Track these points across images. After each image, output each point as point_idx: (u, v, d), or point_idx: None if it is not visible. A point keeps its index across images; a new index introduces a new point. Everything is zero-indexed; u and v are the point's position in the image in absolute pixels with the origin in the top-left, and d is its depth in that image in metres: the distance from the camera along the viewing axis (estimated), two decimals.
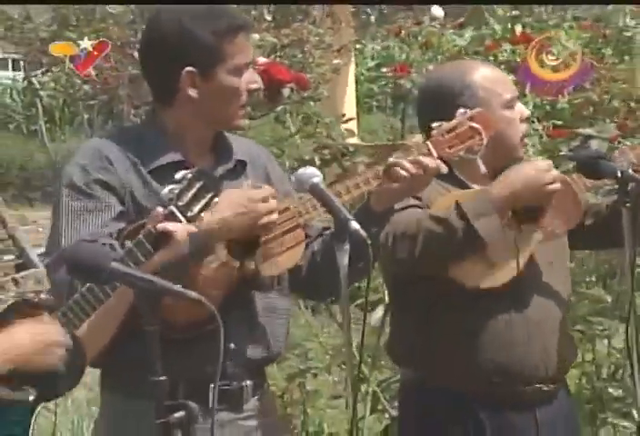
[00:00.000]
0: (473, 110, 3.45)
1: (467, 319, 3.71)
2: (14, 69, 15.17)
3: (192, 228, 3.04)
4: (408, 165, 3.31)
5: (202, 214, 3.05)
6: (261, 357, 3.46)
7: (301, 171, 3.35)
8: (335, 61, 8.10)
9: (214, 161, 3.43)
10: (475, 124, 3.39)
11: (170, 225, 2.99)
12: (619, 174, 3.51)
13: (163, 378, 2.71)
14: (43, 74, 11.06)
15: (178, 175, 3.04)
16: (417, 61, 6.77)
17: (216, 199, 3.09)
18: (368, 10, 10.96)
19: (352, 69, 9.97)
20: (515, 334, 3.76)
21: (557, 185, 3.56)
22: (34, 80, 12.77)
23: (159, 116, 3.49)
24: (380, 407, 5.21)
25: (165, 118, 3.46)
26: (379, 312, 4.80)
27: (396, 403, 4.46)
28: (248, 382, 3.37)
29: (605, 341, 5.73)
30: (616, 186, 3.61)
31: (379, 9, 10.76)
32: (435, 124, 3.43)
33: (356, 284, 3.87)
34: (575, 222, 3.77)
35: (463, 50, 6.92)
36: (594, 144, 5.13)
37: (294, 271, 3.44)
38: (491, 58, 6.46)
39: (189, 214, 3.02)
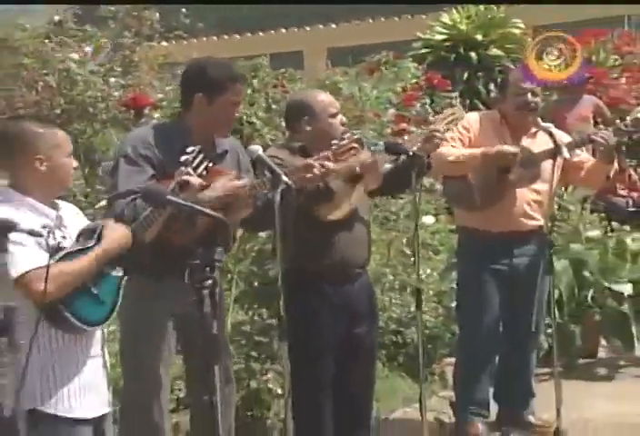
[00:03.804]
0: (355, 135, 3.51)
1: (324, 234, 3.68)
2: None
3: (201, 181, 3.04)
4: (318, 166, 3.33)
5: (204, 173, 3.06)
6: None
7: (249, 147, 3.37)
8: None
9: (212, 147, 3.35)
10: (355, 145, 3.44)
11: (190, 178, 3.02)
12: (410, 153, 3.55)
13: (197, 261, 2.74)
14: None
15: (189, 149, 3.07)
16: None
17: (211, 164, 3.11)
18: None
19: None
20: (348, 241, 3.74)
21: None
22: None
23: (183, 119, 3.42)
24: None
25: (186, 120, 3.38)
26: None
27: None
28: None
29: None
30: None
31: None
32: (334, 142, 3.44)
33: None
34: (379, 183, 3.75)
35: None
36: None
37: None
38: None
39: (197, 172, 3.05)
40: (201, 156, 3.05)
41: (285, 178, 3.10)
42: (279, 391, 4.13)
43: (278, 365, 4.27)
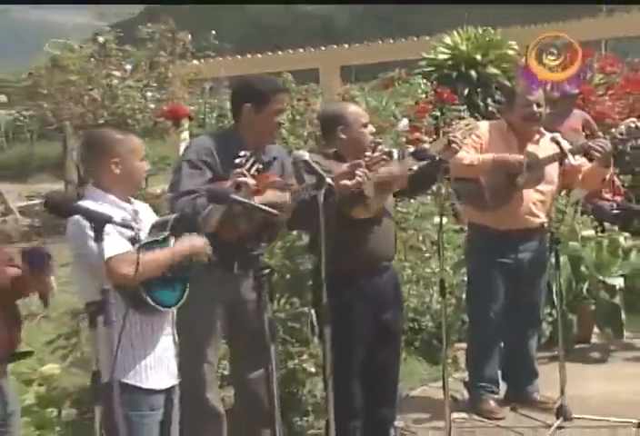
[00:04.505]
0: (382, 144, 3.55)
1: (356, 231, 3.66)
2: None
3: (254, 182, 3.09)
4: (363, 176, 3.37)
5: (255, 174, 3.11)
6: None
7: (295, 153, 3.42)
8: None
9: (262, 154, 3.38)
10: (385, 156, 3.46)
11: (245, 179, 3.07)
12: (437, 158, 3.58)
13: (255, 252, 2.81)
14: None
15: (241, 153, 3.12)
16: None
17: (261, 166, 3.16)
18: None
19: None
20: (378, 237, 3.74)
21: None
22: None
23: (235, 128, 3.45)
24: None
25: (238, 130, 3.42)
26: None
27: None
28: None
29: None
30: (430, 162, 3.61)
31: None
32: (367, 154, 3.48)
33: None
34: (403, 186, 3.75)
35: None
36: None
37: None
38: None
39: (250, 173, 3.10)
40: (252, 159, 3.10)
41: (328, 179, 3.12)
42: (312, 370, 4.19)
43: (311, 348, 4.32)
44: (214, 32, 9.67)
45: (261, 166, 3.14)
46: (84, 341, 4.02)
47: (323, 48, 13.57)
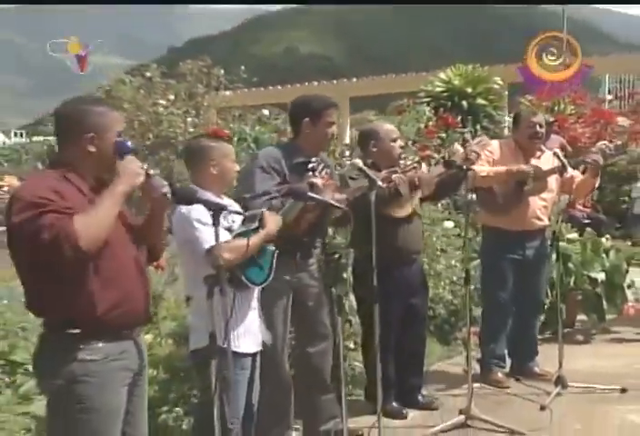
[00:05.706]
0: (415, 160, 3.61)
1: (393, 227, 3.70)
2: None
3: (323, 182, 3.12)
4: (398, 179, 3.48)
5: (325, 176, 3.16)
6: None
7: (353, 161, 3.45)
8: None
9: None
10: (416, 165, 3.58)
11: (316, 180, 3.13)
12: (464, 167, 3.68)
13: (318, 243, 2.88)
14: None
15: (313, 159, 3.18)
16: None
17: (329, 170, 3.23)
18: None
19: None
20: (409, 233, 3.83)
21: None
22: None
23: (295, 140, 3.48)
24: None
25: (298, 141, 3.45)
26: None
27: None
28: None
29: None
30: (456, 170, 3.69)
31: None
32: (402, 162, 3.55)
33: None
34: (431, 190, 3.85)
35: None
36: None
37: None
38: None
39: (320, 176, 3.16)
40: (322, 165, 3.19)
41: (380, 182, 3.22)
42: (352, 347, 4.27)
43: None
44: (243, 67, 9.80)
45: (329, 170, 3.21)
46: (159, 320, 4.11)
47: (334, 82, 13.74)
